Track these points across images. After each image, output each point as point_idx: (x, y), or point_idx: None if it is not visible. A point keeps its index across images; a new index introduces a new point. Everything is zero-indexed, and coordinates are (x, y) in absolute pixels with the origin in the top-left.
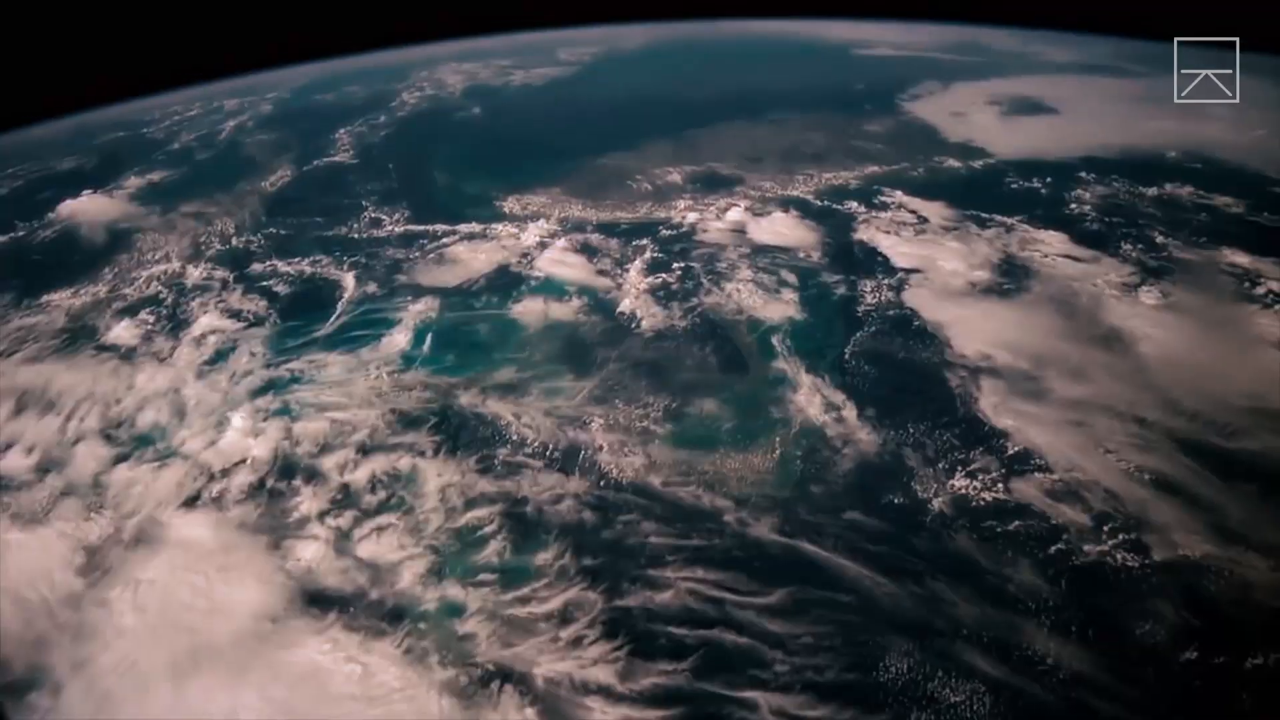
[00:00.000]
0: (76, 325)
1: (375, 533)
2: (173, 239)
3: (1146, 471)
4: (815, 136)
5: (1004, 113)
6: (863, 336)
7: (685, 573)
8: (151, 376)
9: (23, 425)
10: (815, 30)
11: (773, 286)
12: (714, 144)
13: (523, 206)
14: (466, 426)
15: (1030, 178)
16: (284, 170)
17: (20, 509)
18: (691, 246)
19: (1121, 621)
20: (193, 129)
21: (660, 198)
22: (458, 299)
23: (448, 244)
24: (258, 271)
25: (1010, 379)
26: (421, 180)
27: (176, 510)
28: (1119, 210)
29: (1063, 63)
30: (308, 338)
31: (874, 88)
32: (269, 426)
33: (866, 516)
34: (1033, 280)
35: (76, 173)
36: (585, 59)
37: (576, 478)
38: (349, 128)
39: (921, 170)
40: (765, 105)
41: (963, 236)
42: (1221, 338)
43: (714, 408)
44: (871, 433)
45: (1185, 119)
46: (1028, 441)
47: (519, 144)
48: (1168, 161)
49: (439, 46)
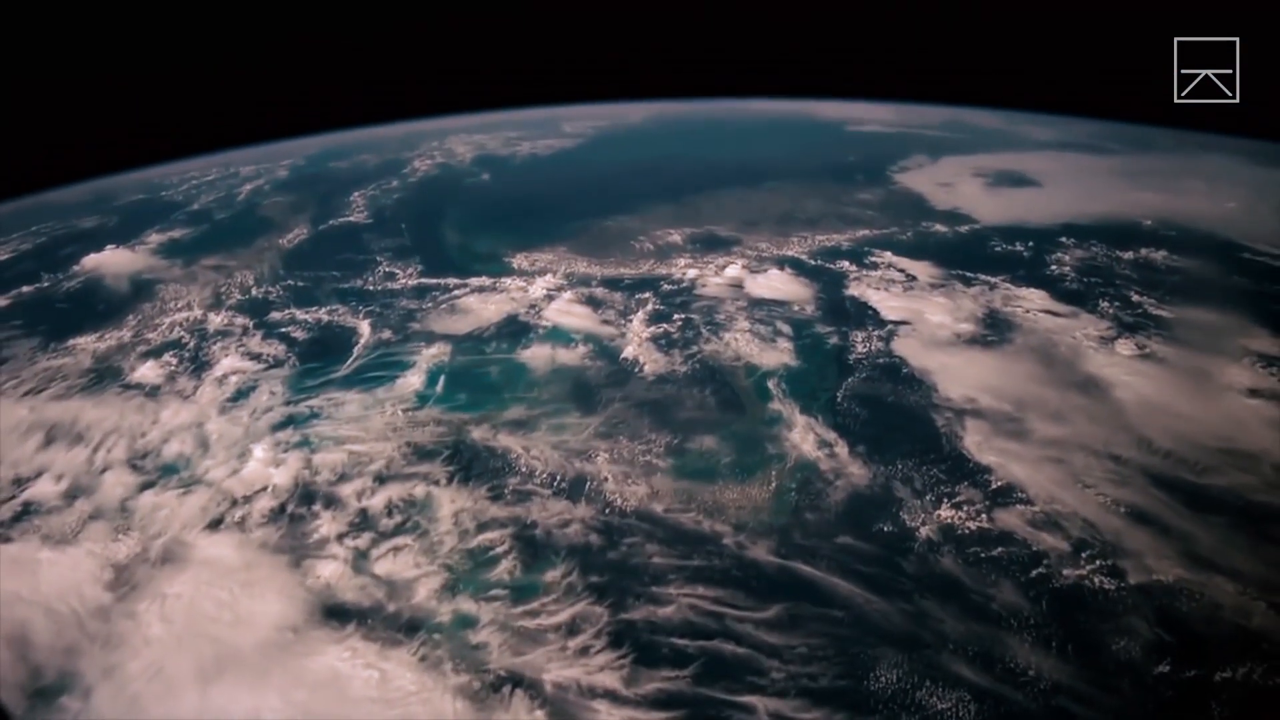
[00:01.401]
0: (102, 366)
1: (392, 553)
2: (194, 289)
3: (1122, 504)
4: (809, 203)
5: (989, 184)
6: (854, 381)
7: (686, 590)
8: (176, 412)
9: (52, 455)
10: (810, 109)
11: (769, 336)
12: (713, 208)
13: (530, 262)
14: (478, 458)
15: (1013, 242)
16: (301, 228)
17: (50, 531)
18: (691, 300)
19: (1099, 637)
20: (211, 192)
21: (661, 256)
22: (469, 345)
23: (459, 295)
24: (277, 319)
25: (993, 420)
26: (433, 238)
27: (201, 532)
28: (1097, 271)
29: (1045, 140)
30: (326, 378)
31: (865, 160)
32: (289, 457)
33: (858, 541)
34: (1015, 332)
35: (98, 230)
36: (589, 132)
37: (583, 505)
38: (363, 191)
39: (910, 234)
40: (762, 175)
41: (949, 293)
42: (1194, 386)
43: (713, 444)
44: (863, 467)
45: (1161, 192)
46: (1010, 476)
47: (526, 207)
48: (1143, 229)
49: (448, 120)
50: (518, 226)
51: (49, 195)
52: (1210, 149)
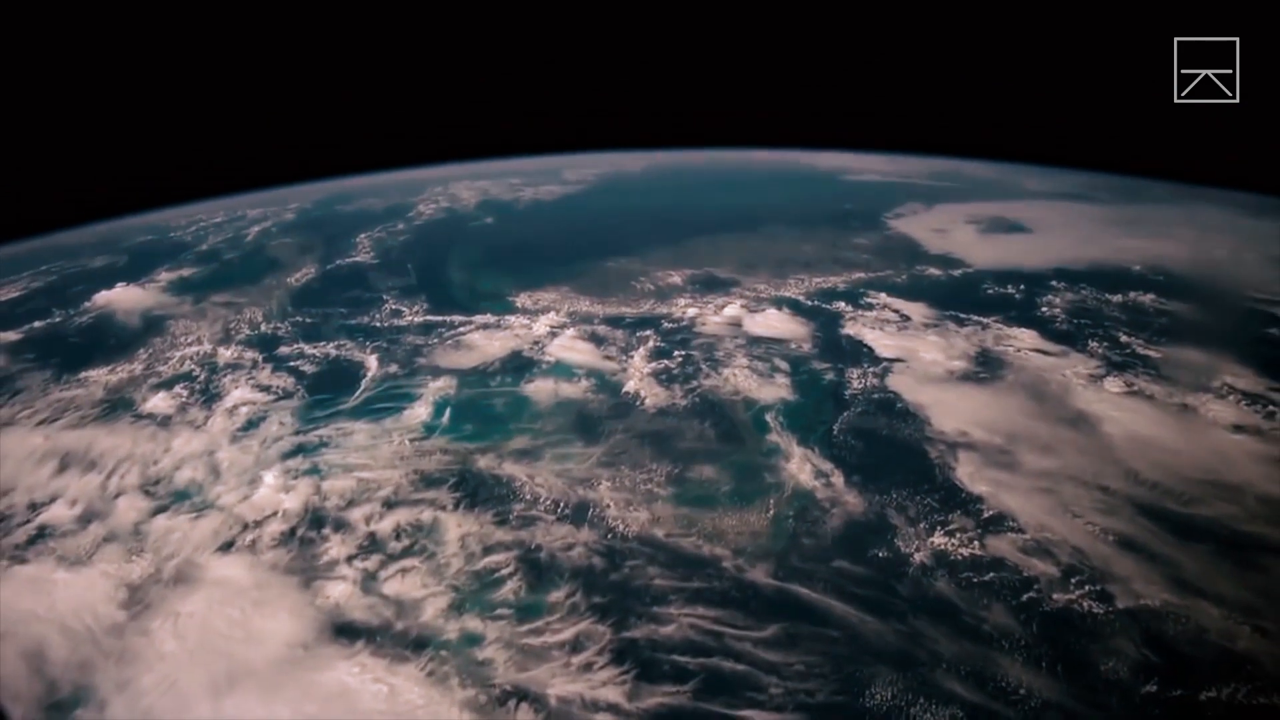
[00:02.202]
0: (114, 397)
1: (400, 574)
2: (204, 325)
3: (1110, 532)
4: (806, 247)
5: (982, 230)
6: (850, 415)
7: (687, 610)
8: (187, 441)
9: (66, 481)
10: (808, 159)
11: (767, 372)
12: (712, 252)
13: (534, 301)
14: (484, 485)
15: (1005, 285)
16: (308, 268)
17: (65, 552)
18: (691, 337)
19: (1088, 658)
20: (219, 233)
21: (662, 296)
22: (474, 378)
23: (464, 332)
24: (285, 353)
25: (985, 452)
26: (439, 277)
27: (213, 554)
28: (1086, 313)
29: (1037, 190)
30: (334, 409)
31: (861, 207)
32: (299, 484)
33: (853, 565)
34: (1006, 370)
35: (108, 269)
36: (590, 179)
37: (586, 529)
38: (369, 233)
39: (904, 277)
40: (760, 220)
41: (942, 332)
42: (1180, 421)
43: (713, 473)
44: (858, 496)
45: (1150, 239)
46: (1001, 505)
47: (530, 249)
48: (1132, 274)
49: (452, 167)
50: (521, 267)
51: (57, 237)
52: (1200, 200)
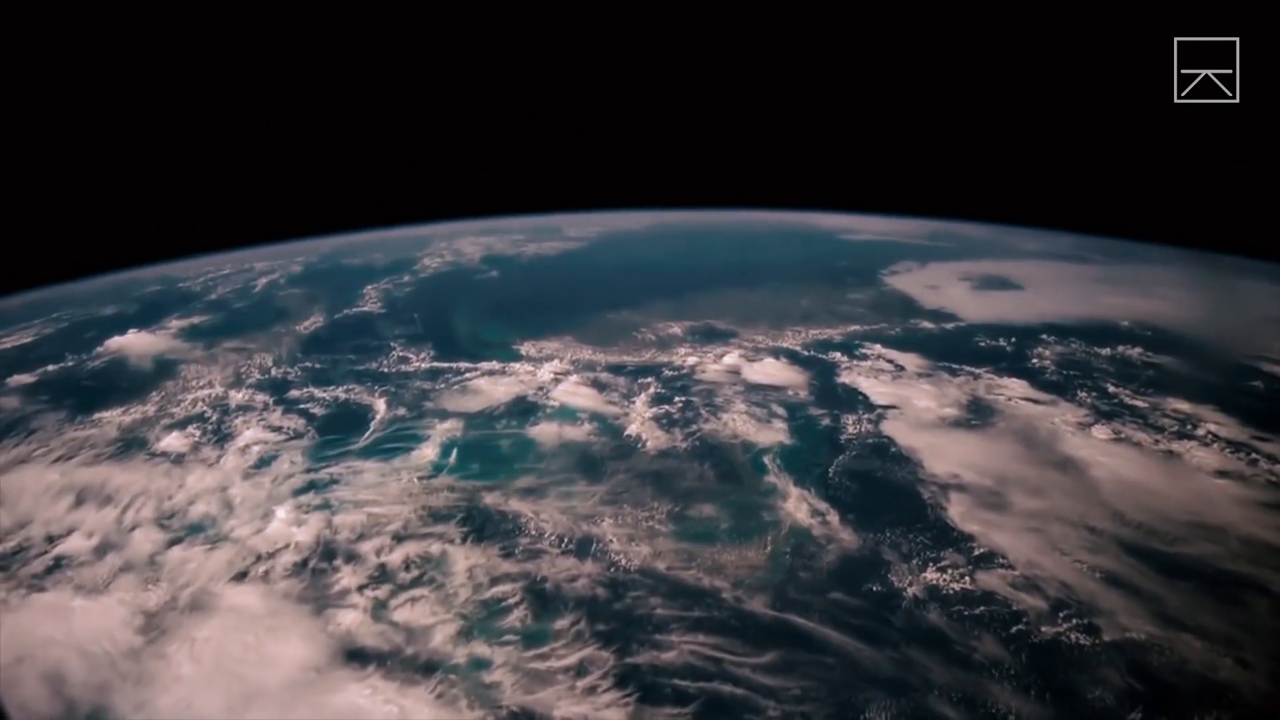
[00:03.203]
0: (128, 437)
1: (409, 602)
2: (215, 369)
3: (1097, 569)
4: (804, 301)
5: (974, 287)
6: (845, 459)
7: (688, 637)
8: (201, 478)
9: (83, 515)
10: (806, 220)
11: (764, 418)
12: (712, 305)
13: (538, 350)
14: (490, 521)
15: (997, 338)
16: (316, 317)
17: (83, 582)
18: (691, 384)
19: (1075, 687)
20: (227, 284)
21: (663, 346)
22: (480, 421)
23: (470, 378)
24: (296, 396)
25: (976, 494)
26: (444, 326)
27: (227, 583)
28: (1075, 365)
29: (1030, 250)
30: (344, 449)
31: (857, 264)
32: (311, 518)
33: (849, 597)
34: (997, 417)
35: (119, 317)
36: (592, 235)
37: (590, 562)
38: (375, 285)
39: (899, 330)
40: (759, 276)
41: (935, 382)
42: (1165, 467)
43: (712, 511)
44: (853, 534)
45: (1139, 297)
46: (992, 543)
47: (533, 300)
48: (1121, 329)
49: (456, 224)
50: (525, 317)
51: (65, 288)
52: (1189, 262)
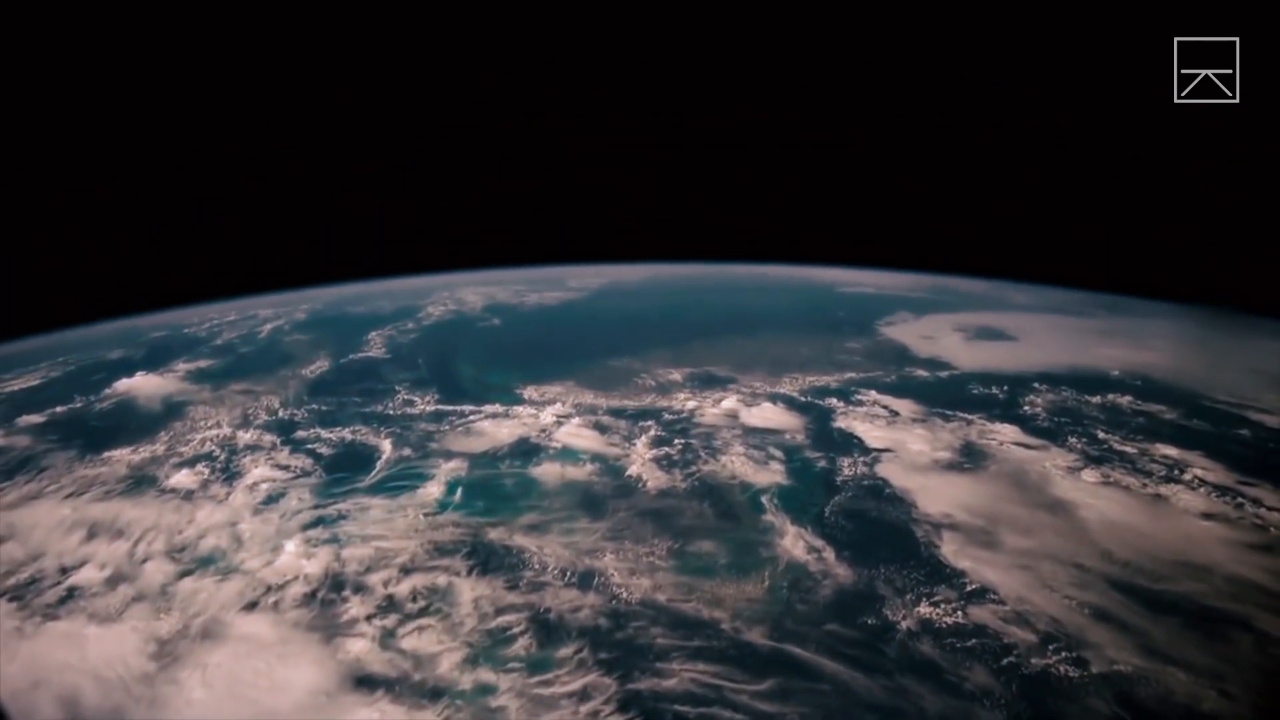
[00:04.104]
0: (138, 474)
1: (417, 631)
2: (223, 410)
3: (1085, 605)
4: (801, 349)
5: (968, 338)
6: (841, 499)
7: (688, 665)
8: (211, 513)
9: (95, 548)
10: (804, 273)
11: (762, 459)
12: (710, 353)
13: (540, 394)
14: (495, 555)
15: (990, 386)
16: (322, 361)
17: (96, 611)
18: (691, 428)
19: (1064, 716)
20: (232, 330)
21: (663, 391)
22: (485, 461)
23: (474, 420)
24: (303, 437)
25: (968, 533)
26: (448, 371)
27: (238, 613)
28: (1066, 412)
29: (1024, 304)
30: (351, 487)
31: (854, 315)
32: (319, 551)
33: (844, 629)
34: (989, 461)
35: (126, 361)
36: (592, 286)
37: (592, 594)
38: (379, 331)
39: (894, 377)
40: (756, 326)
41: (929, 427)
42: (1152, 509)
43: (711, 547)
44: (848, 569)
45: (1130, 349)
46: (983, 580)
47: (535, 347)
48: (1111, 378)
49: (458, 275)
50: (527, 363)
51: (68, 334)
52: (1180, 317)
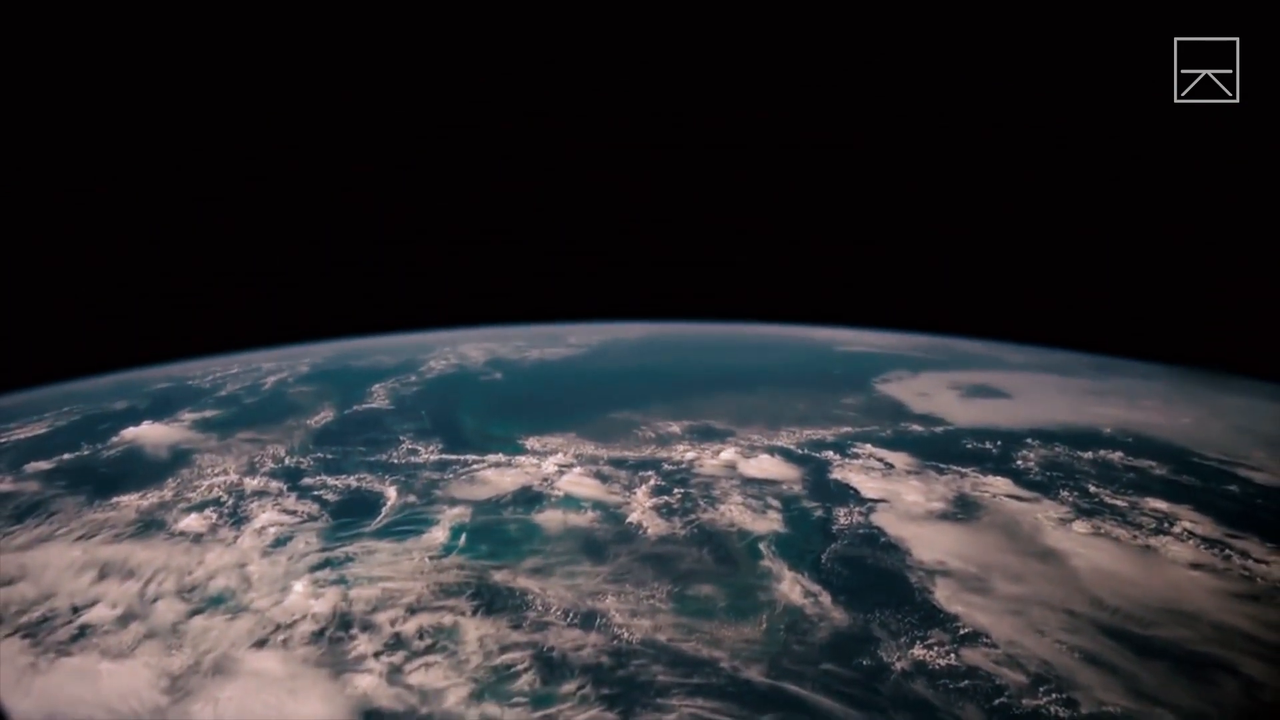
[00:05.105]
0: (147, 518)
1: (424, 667)
2: (230, 458)
3: (1076, 649)
4: (798, 404)
5: (963, 395)
6: (837, 546)
7: (688, 701)
8: (220, 555)
9: (106, 588)
10: (802, 333)
11: (760, 508)
12: (709, 407)
13: (542, 444)
14: (499, 596)
15: (983, 441)
16: (326, 412)
17: (108, 648)
18: (690, 478)
19: None
20: (236, 382)
21: (662, 442)
22: (488, 508)
23: (477, 469)
24: (309, 484)
25: (961, 579)
26: (451, 422)
27: (248, 649)
28: (1058, 467)
29: (1019, 363)
30: (357, 531)
31: (851, 372)
32: (327, 591)
33: (840, 668)
34: (982, 512)
35: (131, 411)
36: (592, 343)
37: (595, 634)
38: (383, 384)
39: (889, 431)
40: (754, 382)
41: (923, 479)
42: (1142, 559)
43: (710, 591)
44: (844, 613)
45: (1122, 407)
46: (976, 624)
47: (537, 400)
48: (1103, 435)
49: (458, 332)
50: (529, 415)
51: (73, 385)
52: (1173, 378)
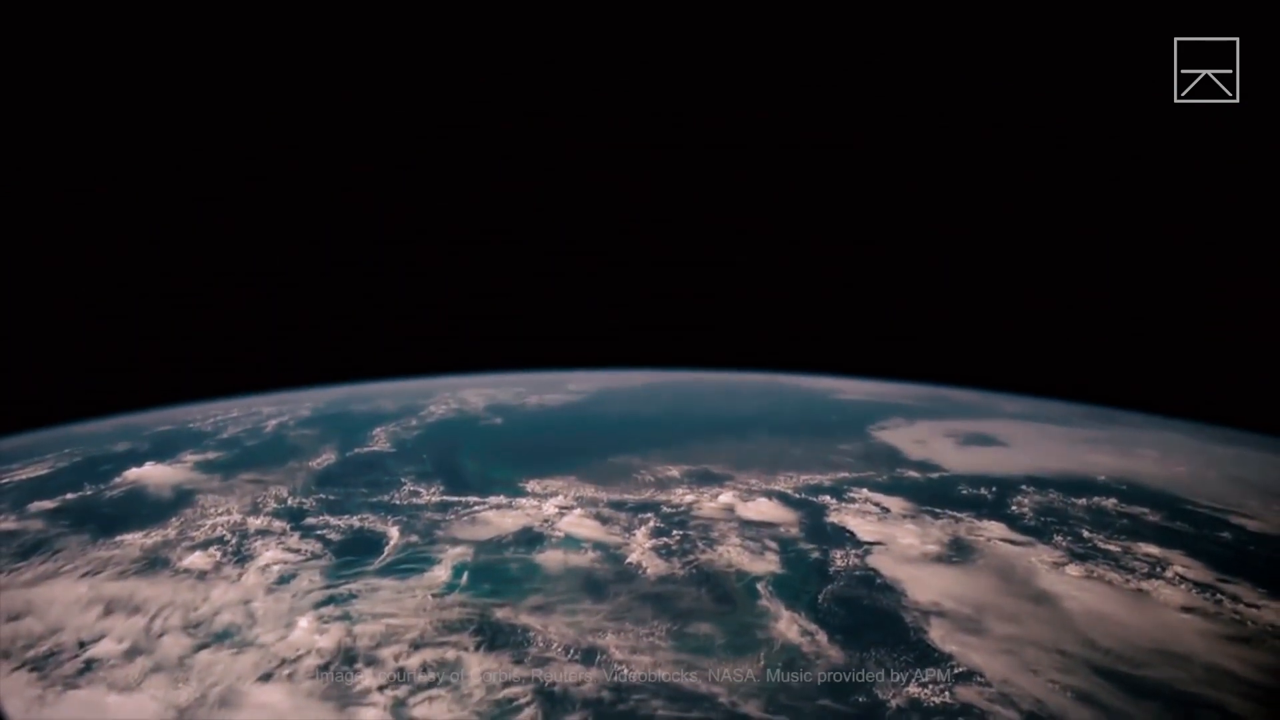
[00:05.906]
0: (151, 556)
1: (427, 700)
2: (233, 498)
3: (1068, 688)
4: (795, 451)
5: (959, 443)
6: (833, 587)
7: None
8: (225, 592)
9: (112, 623)
10: (799, 382)
11: (758, 550)
12: (707, 452)
13: (543, 487)
14: (501, 632)
15: (979, 487)
16: (328, 454)
17: (115, 681)
18: (688, 520)
19: None
20: (237, 425)
21: (661, 486)
22: (490, 547)
23: (478, 510)
24: (312, 523)
25: (955, 620)
26: (453, 465)
27: (254, 683)
28: (1052, 512)
29: (1015, 412)
30: (361, 569)
31: (847, 420)
32: (331, 627)
33: (836, 704)
34: (976, 555)
35: (133, 452)
36: (592, 390)
37: (595, 669)
38: (384, 427)
39: (885, 477)
40: (752, 428)
41: (919, 523)
42: (1134, 602)
43: (709, 629)
44: (840, 651)
45: (1117, 456)
46: (970, 663)
47: (537, 444)
48: (1098, 482)
49: (458, 378)
50: (529, 459)
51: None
52: (1168, 429)
